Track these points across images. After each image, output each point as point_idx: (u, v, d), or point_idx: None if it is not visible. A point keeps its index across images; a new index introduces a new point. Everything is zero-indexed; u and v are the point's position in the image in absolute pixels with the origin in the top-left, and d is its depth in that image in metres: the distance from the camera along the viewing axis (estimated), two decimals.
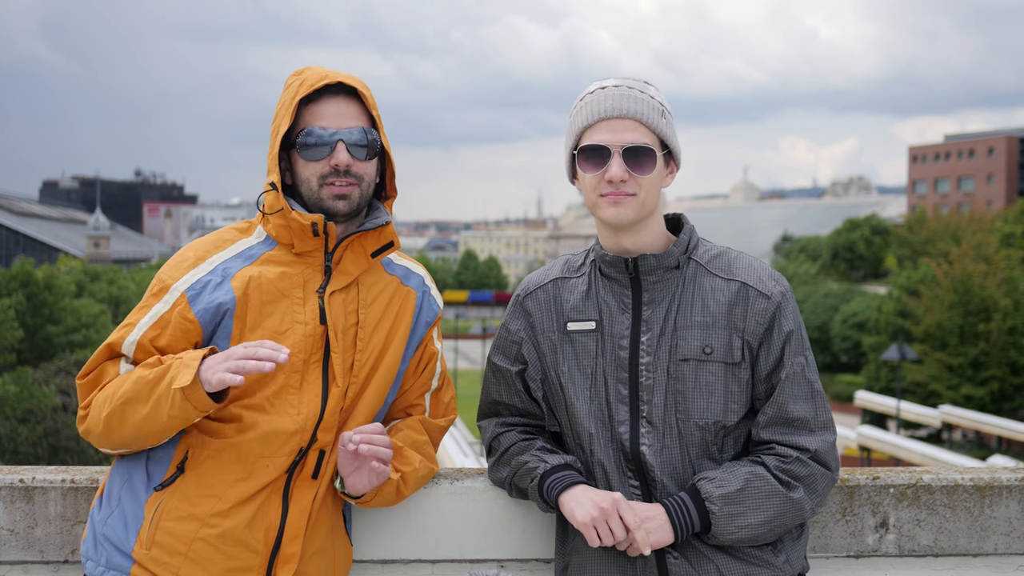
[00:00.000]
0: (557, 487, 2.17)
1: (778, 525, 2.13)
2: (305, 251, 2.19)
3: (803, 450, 2.13)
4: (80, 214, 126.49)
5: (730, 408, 2.15)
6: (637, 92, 2.16)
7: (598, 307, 2.22)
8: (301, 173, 2.19)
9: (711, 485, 2.10)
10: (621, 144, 2.12)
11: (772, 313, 2.15)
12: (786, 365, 2.15)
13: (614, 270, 2.21)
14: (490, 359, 2.36)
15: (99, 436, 2.12)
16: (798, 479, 2.12)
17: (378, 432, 2.13)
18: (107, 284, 42.64)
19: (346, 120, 2.17)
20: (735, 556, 2.13)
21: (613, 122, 2.14)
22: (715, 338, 2.14)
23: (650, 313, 2.17)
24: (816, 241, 75.52)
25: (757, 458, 2.15)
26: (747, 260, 2.22)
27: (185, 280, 2.14)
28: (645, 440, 2.14)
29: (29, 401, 26.66)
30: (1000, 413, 31.77)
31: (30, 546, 2.45)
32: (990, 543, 2.52)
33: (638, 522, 2.06)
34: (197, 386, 1.98)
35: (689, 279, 2.19)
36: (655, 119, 2.15)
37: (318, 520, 2.21)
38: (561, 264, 2.34)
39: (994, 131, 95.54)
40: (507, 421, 2.35)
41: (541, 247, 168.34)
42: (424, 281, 2.37)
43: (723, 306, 2.15)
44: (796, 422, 2.14)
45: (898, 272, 49.38)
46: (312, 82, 2.15)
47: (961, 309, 34.41)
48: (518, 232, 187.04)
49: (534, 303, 2.30)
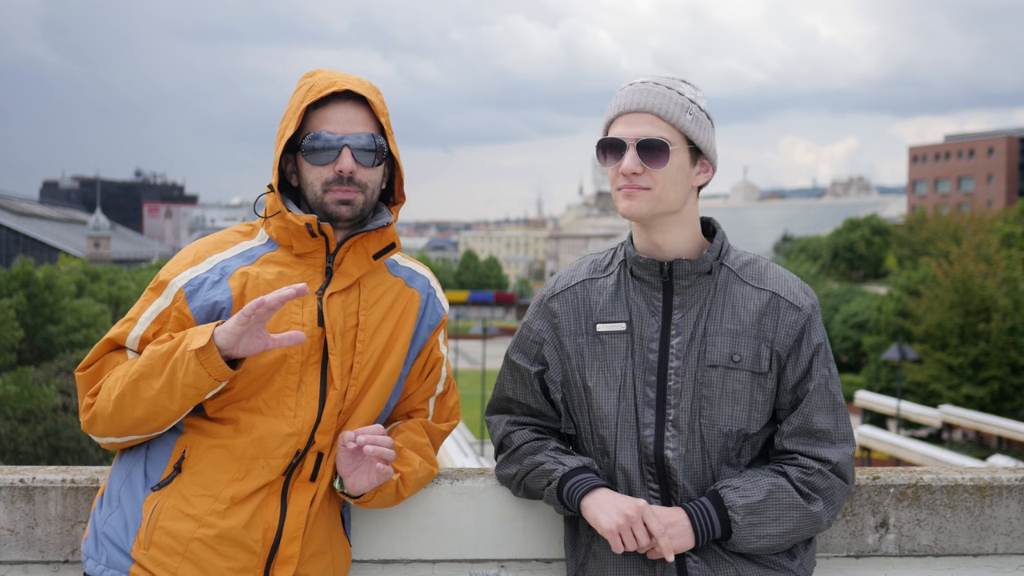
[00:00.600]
0: (579, 490, 2.16)
1: (796, 536, 2.14)
2: (305, 252, 2.18)
3: (824, 462, 2.14)
4: (80, 214, 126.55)
5: (753, 417, 2.15)
6: (663, 88, 2.15)
7: (628, 308, 2.21)
8: (306, 177, 2.18)
9: (734, 494, 2.10)
10: (636, 137, 2.13)
11: (802, 325, 2.16)
12: (814, 377, 2.15)
13: (647, 272, 2.20)
14: (508, 356, 2.35)
15: (106, 420, 2.10)
16: (818, 491, 2.14)
17: (380, 433, 2.13)
18: (107, 284, 42.66)
19: (353, 126, 2.16)
20: (754, 560, 2.14)
21: (631, 116, 2.15)
22: (744, 346, 2.14)
23: (680, 317, 2.17)
24: (816, 241, 75.44)
25: (779, 468, 2.15)
26: (777, 270, 2.23)
27: (183, 276, 2.14)
28: (670, 444, 2.14)
29: (29, 401, 26.67)
30: (1000, 413, 31.75)
31: (30, 546, 2.45)
32: (990, 543, 2.52)
33: (662, 529, 2.06)
34: (212, 348, 1.98)
35: (721, 285, 2.19)
36: (675, 114, 2.13)
37: (316, 522, 2.20)
38: (588, 265, 2.33)
39: (994, 131, 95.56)
40: (518, 420, 2.34)
41: (541, 247, 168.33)
42: (429, 283, 2.36)
43: (753, 315, 2.16)
44: (819, 433, 2.15)
45: (898, 272, 49.40)
46: (321, 88, 2.14)
47: (961, 309, 34.41)
48: (518, 232, 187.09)
49: (560, 304, 2.28)
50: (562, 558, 2.47)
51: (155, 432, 2.13)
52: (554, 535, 2.46)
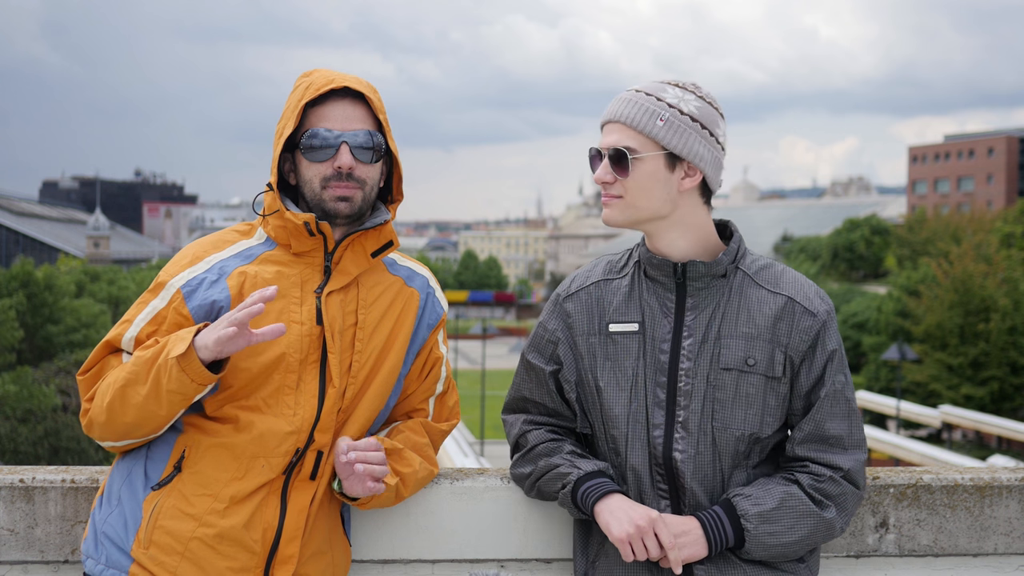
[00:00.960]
0: (593, 495, 2.16)
1: (809, 544, 2.14)
2: (303, 251, 2.18)
3: (836, 469, 2.14)
4: (80, 214, 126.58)
5: (766, 421, 2.15)
6: (642, 95, 2.15)
7: (640, 309, 2.21)
8: (304, 174, 2.18)
9: (747, 503, 2.10)
10: (608, 147, 2.17)
11: (817, 331, 2.16)
12: (827, 383, 2.15)
13: (660, 273, 2.20)
14: (524, 356, 2.35)
15: (102, 426, 2.12)
16: (831, 498, 2.13)
17: (373, 449, 2.13)
18: (107, 284, 42.68)
19: (351, 123, 2.17)
20: (762, 564, 2.14)
21: (608, 126, 2.20)
22: (758, 350, 2.14)
23: (693, 319, 2.17)
24: (816, 241, 75.47)
25: (791, 475, 2.15)
26: (793, 275, 2.23)
27: (181, 277, 2.15)
28: (678, 446, 2.14)
29: (29, 401, 26.68)
30: (1000, 413, 31.77)
31: (30, 546, 2.45)
32: (990, 543, 2.53)
33: (672, 542, 2.06)
34: (192, 355, 1.99)
35: (736, 289, 2.18)
36: (642, 121, 2.13)
37: (316, 521, 2.20)
38: (603, 266, 2.33)
39: (994, 131, 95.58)
40: (535, 420, 2.34)
41: (541, 247, 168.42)
42: (428, 283, 2.37)
43: (768, 319, 2.15)
44: (831, 439, 2.15)
45: (898, 272, 49.41)
46: (319, 86, 2.15)
47: (961, 309, 34.43)
48: (518, 232, 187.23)
49: (575, 305, 2.29)
50: (562, 558, 2.47)
51: (151, 435, 2.14)
52: (554, 535, 2.46)
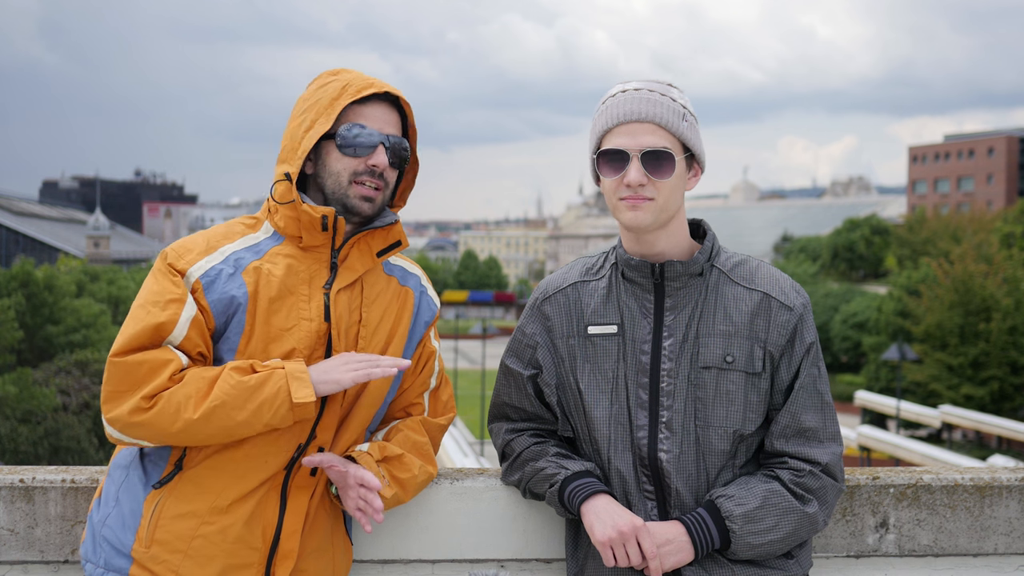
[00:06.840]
0: (579, 495, 2.15)
1: (794, 540, 2.14)
2: (312, 245, 2.19)
3: (815, 463, 2.14)
4: (80, 214, 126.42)
5: (748, 417, 2.15)
6: (658, 95, 2.14)
7: (619, 311, 2.21)
8: (333, 166, 2.18)
9: (730, 503, 2.10)
10: (640, 148, 2.11)
11: (794, 325, 2.16)
12: (801, 375, 2.16)
13: (638, 274, 2.20)
14: (503, 362, 2.35)
15: (161, 433, 2.03)
16: (811, 492, 2.14)
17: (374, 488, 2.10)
18: (107, 284, 42.69)
19: (388, 127, 2.20)
20: (751, 562, 2.14)
21: (632, 126, 2.12)
22: (737, 347, 2.14)
23: (672, 319, 2.17)
24: (816, 241, 75.46)
25: (770, 472, 2.16)
26: (768, 270, 2.22)
27: (199, 267, 2.13)
28: (663, 446, 2.14)
29: (29, 401, 26.67)
30: (1000, 413, 31.76)
31: (30, 546, 2.45)
32: (990, 543, 2.53)
33: (654, 551, 2.06)
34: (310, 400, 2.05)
35: (712, 287, 2.18)
36: (675, 122, 2.13)
37: (317, 518, 2.21)
38: (579, 267, 2.33)
39: (994, 131, 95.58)
40: (517, 427, 2.35)
41: (541, 247, 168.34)
42: (421, 281, 2.38)
43: (745, 316, 2.15)
44: (807, 432, 2.15)
45: (898, 272, 49.41)
46: (360, 87, 2.17)
47: (961, 309, 34.40)
48: (518, 232, 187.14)
49: (552, 307, 2.28)
50: (562, 558, 2.47)
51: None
52: (554, 535, 2.47)
